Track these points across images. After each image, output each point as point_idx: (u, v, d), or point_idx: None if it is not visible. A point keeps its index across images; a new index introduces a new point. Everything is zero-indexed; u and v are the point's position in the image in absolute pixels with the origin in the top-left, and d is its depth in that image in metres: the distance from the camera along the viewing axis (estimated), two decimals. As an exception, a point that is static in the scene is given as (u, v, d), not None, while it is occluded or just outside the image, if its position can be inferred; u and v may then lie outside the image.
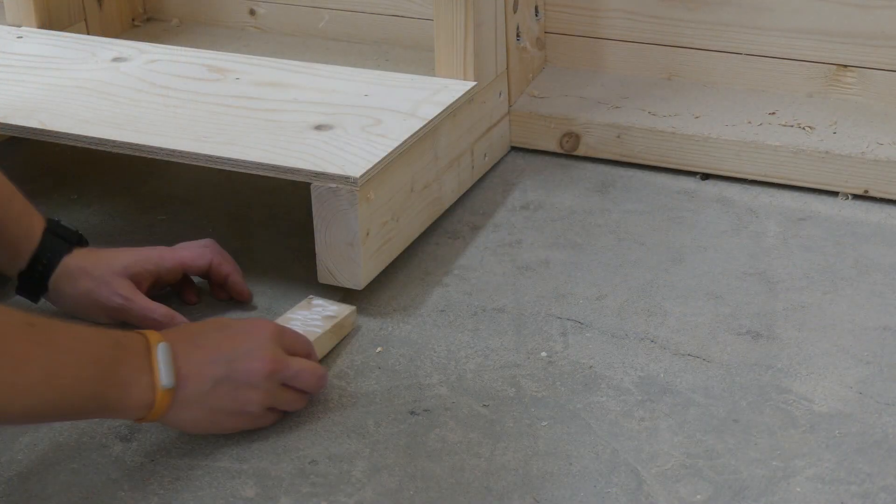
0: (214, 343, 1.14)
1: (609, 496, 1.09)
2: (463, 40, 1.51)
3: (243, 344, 1.15)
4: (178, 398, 1.11)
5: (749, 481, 1.10)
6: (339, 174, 1.30)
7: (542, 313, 1.34)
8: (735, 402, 1.20)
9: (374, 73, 1.56)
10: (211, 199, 1.59)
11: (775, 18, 1.62)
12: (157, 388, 1.09)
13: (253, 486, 1.12)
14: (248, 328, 1.17)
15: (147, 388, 1.09)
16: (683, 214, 1.51)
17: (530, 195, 1.56)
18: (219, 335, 1.15)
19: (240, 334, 1.15)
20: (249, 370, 1.14)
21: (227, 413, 1.14)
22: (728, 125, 1.58)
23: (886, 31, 1.57)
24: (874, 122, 1.57)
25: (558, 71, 1.74)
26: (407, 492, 1.11)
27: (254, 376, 1.14)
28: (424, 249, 1.46)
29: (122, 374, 1.07)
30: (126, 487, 1.12)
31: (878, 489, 1.09)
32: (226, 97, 1.48)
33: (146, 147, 1.38)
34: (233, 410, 1.14)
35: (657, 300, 1.35)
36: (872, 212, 1.50)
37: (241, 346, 1.14)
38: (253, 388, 1.14)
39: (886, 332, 1.29)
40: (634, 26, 1.69)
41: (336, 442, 1.17)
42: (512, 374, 1.25)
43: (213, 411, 1.13)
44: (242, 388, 1.14)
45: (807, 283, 1.37)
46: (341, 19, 1.90)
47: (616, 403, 1.20)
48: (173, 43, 1.87)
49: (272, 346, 1.16)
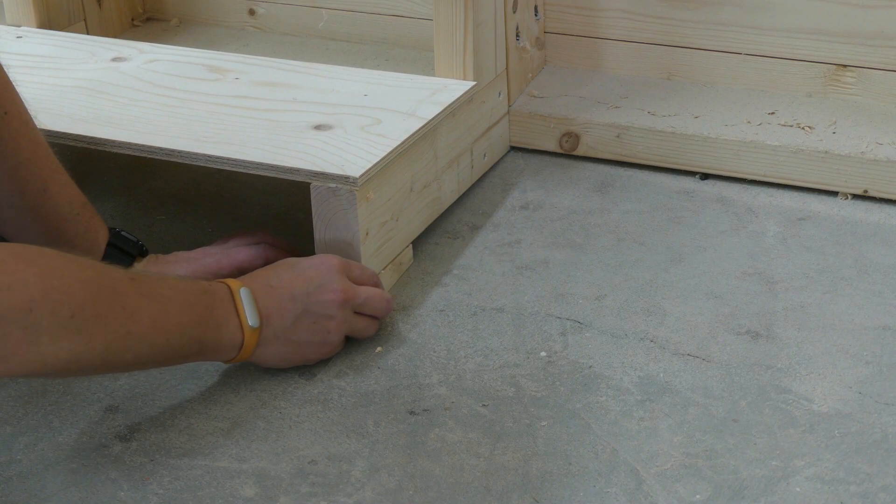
0: (288, 282, 1.22)
1: (608, 496, 1.09)
2: (462, 40, 1.51)
3: (315, 279, 1.23)
4: (264, 336, 1.20)
5: (748, 481, 1.11)
6: (338, 174, 1.30)
7: (541, 313, 1.34)
8: (734, 401, 1.20)
9: (373, 72, 1.56)
10: (211, 199, 1.59)
11: (775, 18, 1.62)
12: (244, 328, 1.18)
13: (252, 485, 1.12)
14: (316, 264, 1.25)
15: (236, 329, 1.18)
16: (683, 214, 1.51)
17: (530, 195, 1.56)
18: (291, 273, 1.24)
19: (310, 270, 1.24)
20: (324, 301, 1.23)
21: (309, 344, 1.24)
22: (727, 125, 1.58)
23: (886, 31, 1.57)
24: (873, 122, 1.57)
25: (558, 71, 1.74)
26: (406, 492, 1.11)
27: (329, 306, 1.23)
28: (424, 249, 1.46)
29: (215, 317, 1.17)
30: (125, 487, 1.12)
31: (878, 489, 1.09)
32: (225, 97, 1.48)
33: (146, 147, 1.38)
34: (315, 341, 1.24)
35: (657, 300, 1.36)
36: (872, 212, 1.50)
37: (313, 281, 1.23)
38: (330, 317, 1.24)
39: (886, 332, 1.29)
40: (634, 26, 1.69)
41: (335, 442, 1.17)
42: (511, 373, 1.25)
43: (297, 344, 1.23)
44: (321, 319, 1.23)
45: (806, 282, 1.38)
46: (341, 19, 1.90)
47: (615, 403, 1.20)
48: (173, 43, 1.87)
49: (341, 277, 1.25)
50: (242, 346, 1.19)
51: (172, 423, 1.20)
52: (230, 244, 1.39)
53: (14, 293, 1.01)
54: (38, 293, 1.02)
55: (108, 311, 1.08)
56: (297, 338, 1.23)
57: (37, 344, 1.02)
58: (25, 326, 1.01)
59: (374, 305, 1.28)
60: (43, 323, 1.03)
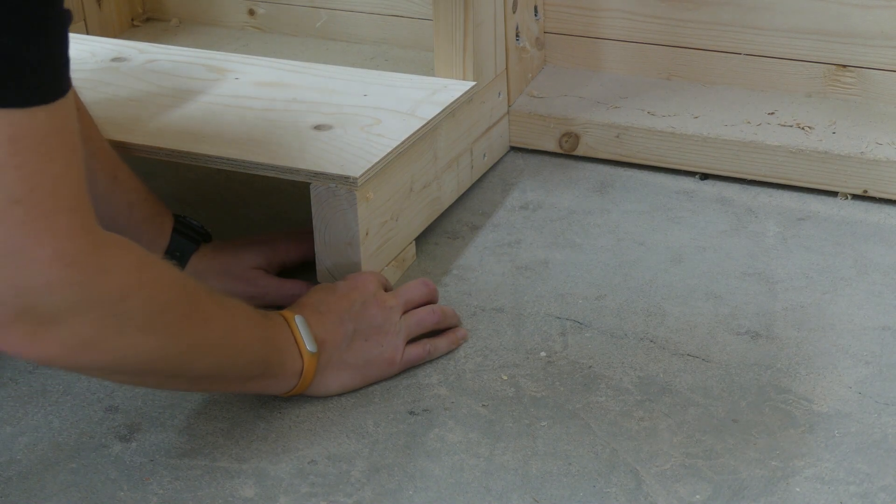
0: (334, 305, 1.23)
1: (608, 496, 1.09)
2: (462, 40, 1.51)
3: (357, 298, 1.24)
4: (321, 363, 1.19)
5: (748, 481, 1.11)
6: (338, 174, 1.30)
7: (541, 313, 1.34)
8: (734, 401, 1.20)
9: (373, 73, 1.56)
10: (211, 199, 1.59)
11: (774, 18, 1.62)
12: (304, 354, 1.17)
13: (252, 485, 1.12)
14: (352, 285, 1.26)
15: (296, 356, 1.17)
16: (682, 214, 1.51)
17: (529, 195, 1.57)
18: (333, 297, 1.24)
19: (350, 292, 1.24)
20: (371, 316, 1.23)
21: (368, 364, 1.23)
22: (727, 125, 1.58)
23: (886, 31, 1.57)
24: (873, 122, 1.57)
25: (557, 71, 1.74)
26: (406, 492, 1.11)
27: (377, 319, 1.23)
28: (424, 249, 1.46)
29: (278, 341, 1.16)
30: (125, 487, 1.12)
31: (878, 489, 1.09)
32: (225, 97, 1.48)
33: (146, 147, 1.38)
34: (371, 358, 1.23)
35: (656, 300, 1.36)
36: (871, 212, 1.50)
37: (356, 301, 1.23)
38: (379, 329, 1.23)
39: (885, 332, 1.29)
40: (634, 26, 1.69)
41: (335, 442, 1.17)
42: (511, 373, 1.25)
43: (354, 367, 1.22)
44: (372, 334, 1.23)
45: (806, 283, 1.38)
46: (340, 19, 1.90)
47: (615, 403, 1.21)
48: (173, 43, 1.87)
49: (378, 290, 1.26)
50: (302, 374, 1.17)
51: (172, 423, 1.20)
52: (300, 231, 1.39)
53: (111, 278, 0.99)
54: (133, 281, 1.01)
55: (191, 314, 1.07)
56: (353, 360, 1.22)
57: (124, 334, 1.01)
58: (117, 314, 0.99)
59: (415, 291, 1.28)
60: (134, 313, 1.01)
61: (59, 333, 0.97)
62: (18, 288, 0.94)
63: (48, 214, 0.94)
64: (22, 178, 0.92)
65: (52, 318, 0.96)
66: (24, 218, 0.93)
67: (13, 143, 0.91)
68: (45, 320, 0.96)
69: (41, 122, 0.92)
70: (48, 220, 0.94)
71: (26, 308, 0.95)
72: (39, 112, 0.92)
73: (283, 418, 1.20)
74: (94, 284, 0.98)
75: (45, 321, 0.96)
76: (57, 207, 0.94)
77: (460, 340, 1.30)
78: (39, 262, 0.94)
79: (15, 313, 0.95)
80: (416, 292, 1.29)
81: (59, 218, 0.95)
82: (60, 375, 1.27)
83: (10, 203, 0.92)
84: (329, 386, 1.21)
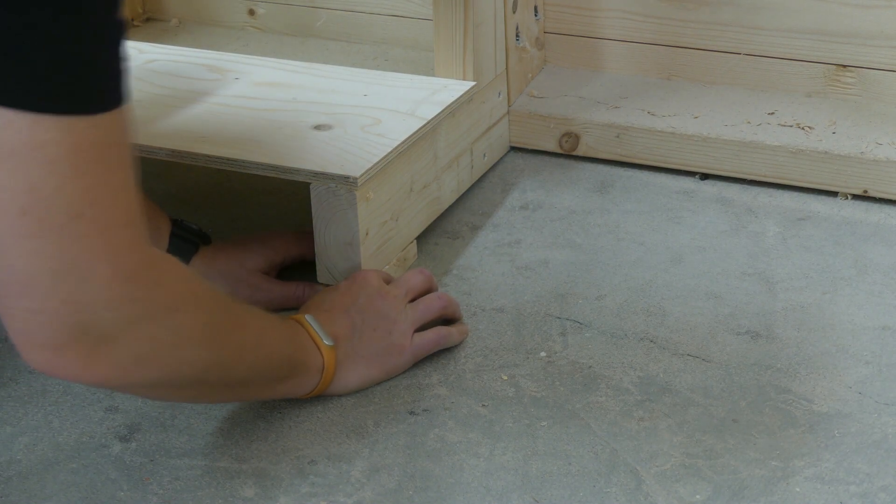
0: (338, 302, 1.23)
1: (608, 496, 1.09)
2: (462, 40, 1.51)
3: (360, 293, 1.24)
4: (338, 357, 1.19)
5: (748, 481, 1.11)
6: (338, 174, 1.30)
7: (541, 313, 1.34)
8: (734, 401, 1.20)
9: (373, 73, 1.56)
10: (211, 199, 1.59)
11: (774, 18, 1.62)
12: (322, 349, 1.18)
13: (252, 485, 1.12)
14: (352, 282, 1.26)
15: (316, 352, 1.17)
16: (682, 214, 1.51)
17: (529, 195, 1.57)
18: (336, 296, 1.25)
19: (351, 288, 1.25)
20: (376, 308, 1.23)
21: (380, 353, 1.23)
22: (727, 125, 1.58)
23: (886, 31, 1.57)
24: (873, 122, 1.57)
25: (557, 71, 1.74)
26: (406, 492, 1.11)
27: (382, 309, 1.23)
28: (424, 249, 1.46)
29: (298, 340, 1.16)
30: (125, 487, 1.12)
31: (878, 489, 1.09)
32: (225, 97, 1.48)
33: (146, 147, 1.38)
34: (383, 348, 1.23)
35: (656, 300, 1.36)
36: (871, 212, 1.50)
37: (359, 296, 1.24)
38: (385, 317, 1.23)
39: (885, 332, 1.29)
40: (634, 26, 1.69)
41: (335, 442, 1.17)
42: (511, 373, 1.25)
43: (369, 358, 1.22)
44: (380, 323, 1.23)
45: (806, 283, 1.38)
46: (340, 19, 1.90)
47: (615, 403, 1.21)
48: (173, 43, 1.87)
49: (380, 283, 1.26)
50: (324, 369, 1.18)
51: (172, 423, 1.20)
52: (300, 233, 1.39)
53: (165, 292, 0.98)
54: (183, 292, 1.00)
55: (230, 320, 1.07)
56: (365, 351, 1.22)
57: (178, 347, 1.00)
58: (171, 328, 0.99)
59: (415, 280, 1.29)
60: (185, 325, 1.00)
61: (115, 352, 0.95)
62: (78, 304, 0.92)
63: (108, 229, 0.92)
64: (84, 190, 0.90)
65: (110, 336, 0.95)
66: (85, 233, 0.91)
67: (76, 153, 0.89)
68: (103, 339, 0.94)
69: (103, 132, 0.90)
70: (108, 235, 0.92)
71: (85, 326, 0.93)
72: (101, 121, 0.90)
73: (283, 418, 1.20)
74: (152, 299, 0.97)
75: (102, 340, 0.94)
76: (116, 222, 0.93)
77: (467, 334, 1.30)
78: (100, 278, 0.92)
79: (72, 333, 0.93)
80: (415, 280, 1.29)
81: (118, 233, 0.93)
82: (60, 375, 1.27)
83: (71, 218, 0.90)
84: (349, 381, 1.21)
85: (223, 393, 1.12)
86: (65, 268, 0.91)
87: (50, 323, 0.92)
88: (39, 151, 0.88)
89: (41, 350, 0.94)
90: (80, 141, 0.89)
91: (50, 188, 0.89)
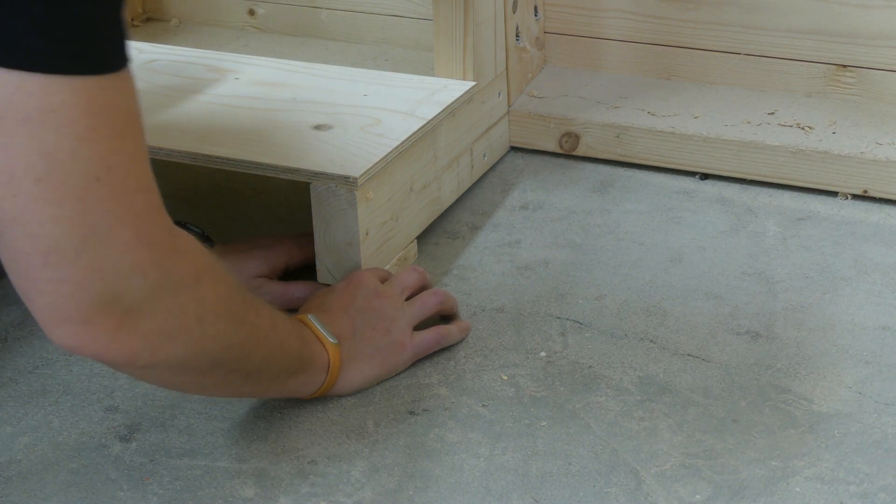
0: (336, 304, 1.24)
1: (608, 496, 1.09)
2: (462, 40, 1.51)
3: (357, 294, 1.25)
4: (343, 355, 1.19)
5: (748, 481, 1.11)
6: (338, 174, 1.30)
7: (541, 313, 1.34)
8: (734, 401, 1.20)
9: (373, 72, 1.56)
10: (211, 199, 1.59)
11: (774, 18, 1.62)
12: (327, 347, 1.18)
13: (252, 486, 1.12)
14: (348, 282, 1.27)
15: (321, 349, 1.17)
16: (682, 214, 1.51)
17: (529, 195, 1.57)
18: (332, 297, 1.25)
19: (348, 289, 1.26)
20: (374, 307, 1.24)
21: (381, 351, 1.23)
22: (727, 125, 1.58)
23: (886, 31, 1.57)
24: (873, 122, 1.57)
25: (557, 71, 1.74)
26: (406, 492, 1.11)
27: (380, 308, 1.24)
28: (424, 249, 1.46)
29: (305, 336, 1.16)
30: (125, 487, 1.12)
31: (878, 489, 1.09)
32: (225, 97, 1.48)
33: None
34: (384, 345, 1.23)
35: (656, 300, 1.36)
36: (871, 212, 1.50)
37: (356, 296, 1.24)
38: (383, 315, 1.23)
39: (885, 332, 1.29)
40: (634, 26, 1.69)
41: (335, 442, 1.17)
42: (511, 373, 1.25)
43: (371, 357, 1.22)
44: (378, 321, 1.23)
45: (806, 283, 1.38)
46: (340, 19, 1.90)
47: (615, 403, 1.21)
48: (173, 43, 1.87)
49: (376, 283, 1.26)
50: (329, 366, 1.18)
51: (172, 423, 1.20)
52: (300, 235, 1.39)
53: (187, 259, 0.97)
54: (205, 262, 0.99)
55: (244, 302, 1.06)
56: (366, 350, 1.22)
57: (203, 321, 0.99)
58: (196, 298, 0.97)
59: (408, 277, 1.29)
60: (208, 295, 0.99)
61: (143, 325, 0.94)
62: (103, 271, 0.90)
63: (127, 194, 0.90)
64: (100, 155, 0.89)
65: (138, 309, 0.93)
66: (105, 196, 0.89)
67: (89, 116, 0.88)
68: (131, 311, 0.92)
69: (112, 96, 0.89)
70: (127, 200, 0.90)
71: (112, 296, 0.91)
72: (109, 84, 0.89)
73: (283, 418, 1.20)
74: (175, 266, 0.95)
75: (130, 312, 0.92)
76: (135, 187, 0.91)
77: (468, 330, 1.30)
78: (123, 243, 0.91)
79: (99, 304, 0.91)
80: (409, 278, 1.30)
81: (138, 198, 0.91)
82: (60, 375, 1.27)
83: (90, 182, 0.88)
84: (352, 380, 1.21)
85: (238, 384, 1.10)
86: (87, 233, 0.89)
87: (76, 293, 0.90)
88: (52, 115, 0.87)
89: (68, 324, 0.92)
90: (91, 103, 0.88)
91: (66, 152, 0.88)
